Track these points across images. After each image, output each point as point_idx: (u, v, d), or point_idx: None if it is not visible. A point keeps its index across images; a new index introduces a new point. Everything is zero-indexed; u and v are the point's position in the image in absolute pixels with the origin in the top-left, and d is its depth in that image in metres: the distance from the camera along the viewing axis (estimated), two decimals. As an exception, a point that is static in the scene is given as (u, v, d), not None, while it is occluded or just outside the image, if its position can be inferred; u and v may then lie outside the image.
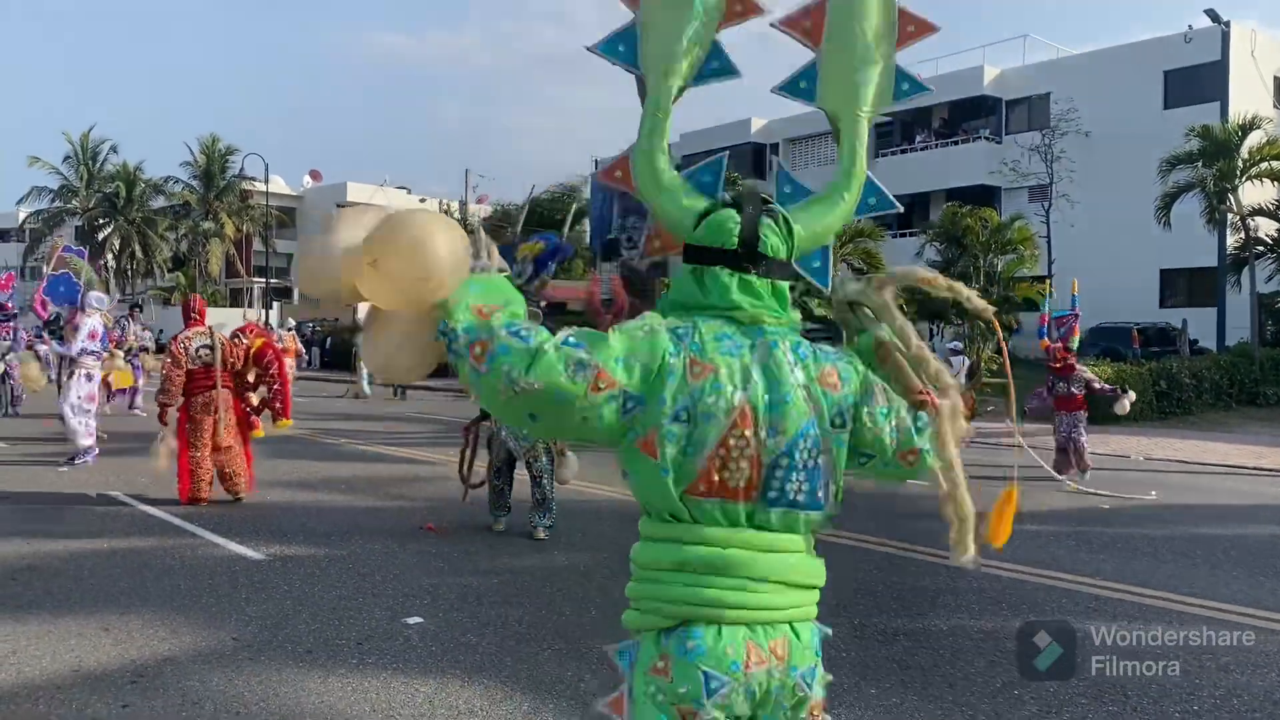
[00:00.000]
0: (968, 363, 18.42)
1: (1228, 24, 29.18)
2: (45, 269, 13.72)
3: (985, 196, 32.57)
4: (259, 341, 9.03)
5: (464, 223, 51.25)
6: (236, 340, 8.98)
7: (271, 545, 7.13)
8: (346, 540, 7.40)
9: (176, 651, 4.83)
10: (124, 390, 15.49)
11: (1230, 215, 24.32)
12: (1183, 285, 30.98)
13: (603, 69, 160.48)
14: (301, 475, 10.27)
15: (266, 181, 40.86)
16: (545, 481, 7.51)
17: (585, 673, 4.55)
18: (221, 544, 7.20)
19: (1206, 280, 29.64)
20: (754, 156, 42.22)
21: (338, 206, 32.28)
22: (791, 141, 42.22)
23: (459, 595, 5.84)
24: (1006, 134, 34.98)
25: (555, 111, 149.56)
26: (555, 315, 7.09)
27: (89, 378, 11.32)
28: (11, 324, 15.84)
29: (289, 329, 25.06)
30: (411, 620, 5.31)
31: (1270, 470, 13.40)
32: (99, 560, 6.65)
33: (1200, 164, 23.19)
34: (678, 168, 2.25)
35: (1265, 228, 24.69)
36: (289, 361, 21.95)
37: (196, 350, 8.60)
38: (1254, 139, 23.50)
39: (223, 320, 13.71)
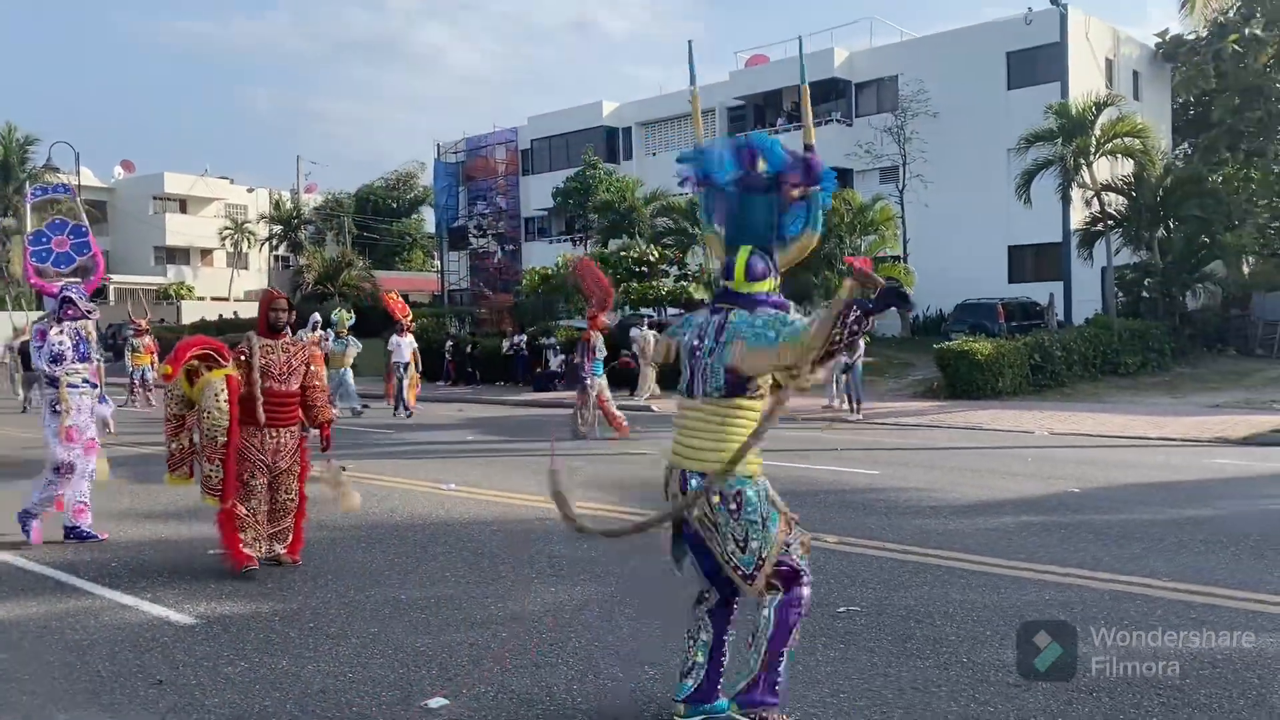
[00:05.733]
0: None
1: (1065, 6, 30.24)
2: None
3: (839, 178, 32.73)
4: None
5: (297, 212, 47.97)
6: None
7: (195, 603, 5.80)
8: (283, 587, 6.14)
9: (135, 779, 3.59)
10: None
11: (1085, 191, 25.13)
12: (1030, 261, 32.05)
13: (414, 54, 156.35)
14: (157, 502, 8.73)
15: (78, 173, 37.24)
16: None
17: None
18: (131, 604, 5.80)
19: (1052, 255, 30.76)
20: (607, 139, 41.36)
21: (154, 199, 28.29)
22: (644, 125, 41.56)
23: (471, 660, 4.73)
24: (857, 116, 35.37)
25: (367, 97, 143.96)
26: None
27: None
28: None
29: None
30: (434, 703, 4.19)
31: (1181, 440, 13.60)
32: (-25, 642, 5.20)
33: (1060, 141, 23.79)
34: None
35: (1114, 203, 25.59)
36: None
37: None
38: (1105, 117, 24.33)
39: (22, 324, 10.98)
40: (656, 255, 26.73)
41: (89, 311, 7.62)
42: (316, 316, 17.62)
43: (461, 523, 8.12)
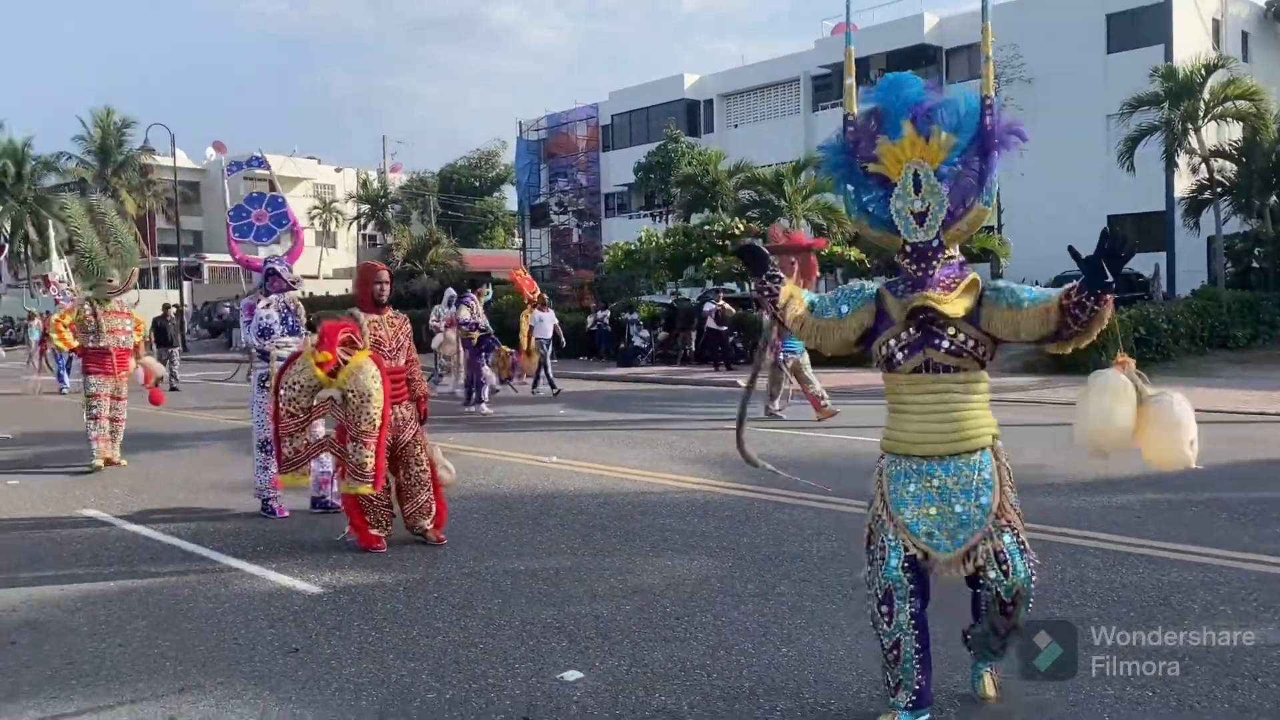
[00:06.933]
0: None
1: (1169, -35, 29.04)
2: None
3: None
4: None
5: (384, 192, 48.58)
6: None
7: (320, 573, 5.89)
8: (403, 557, 6.20)
9: (284, 746, 3.64)
10: None
11: (1191, 157, 24.12)
12: (1130, 230, 30.96)
13: (489, 33, 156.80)
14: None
15: (173, 154, 38.30)
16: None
17: (852, 744, 3.51)
18: (257, 574, 5.93)
19: (1153, 225, 29.68)
20: (689, 112, 41.10)
21: (245, 180, 26.75)
22: (725, 97, 41.21)
23: (599, 633, 4.71)
24: (947, 83, 34.44)
25: (444, 77, 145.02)
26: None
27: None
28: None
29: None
30: (569, 676, 4.18)
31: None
32: (115, 607, 5.34)
33: (1167, 105, 22.85)
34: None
35: (1222, 169, 24.52)
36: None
37: None
38: (1214, 79, 23.29)
39: (135, 298, 10.95)
40: (741, 229, 26.44)
41: (294, 283, 7.61)
42: (452, 291, 17.13)
43: (568, 495, 8.13)
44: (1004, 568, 3.38)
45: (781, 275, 3.68)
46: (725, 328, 22.52)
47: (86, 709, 4.01)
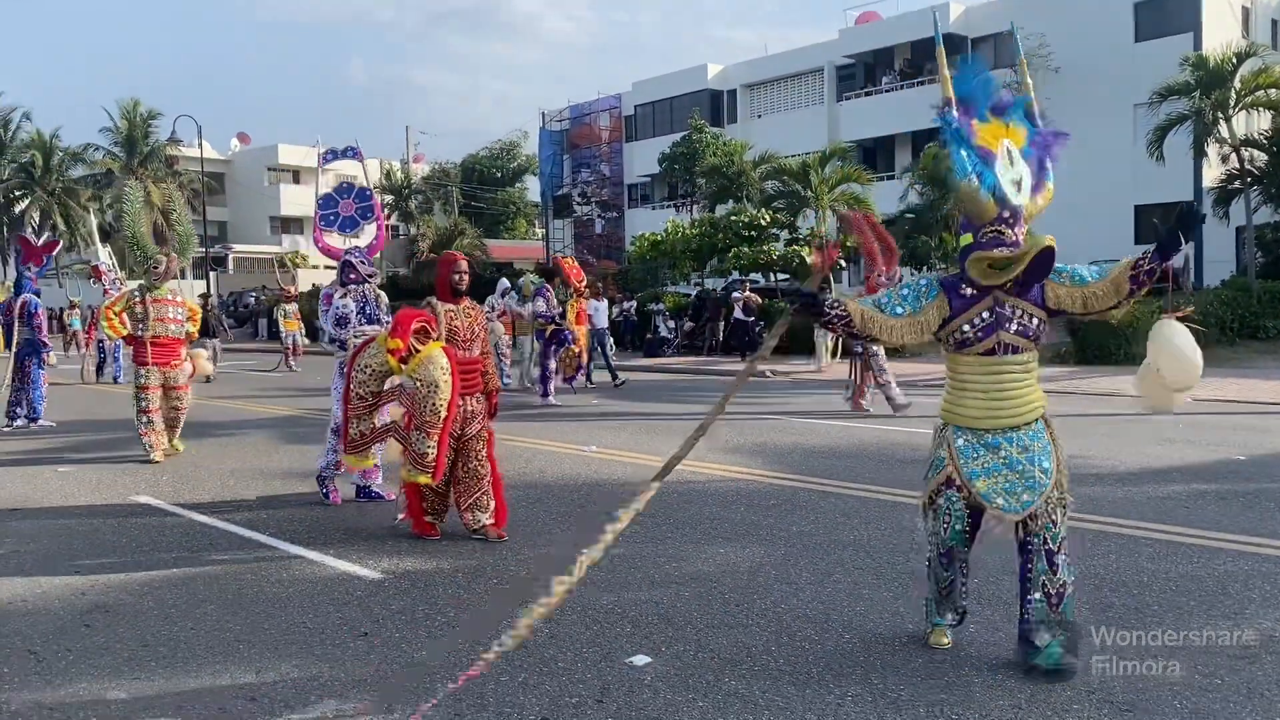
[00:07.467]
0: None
1: (1199, -48, 28.77)
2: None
3: (955, 137, 31.90)
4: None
5: (408, 182, 48.29)
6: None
7: (377, 559, 5.98)
8: (457, 543, 6.29)
9: (366, 726, 3.73)
10: None
11: (1221, 147, 23.93)
12: (1159, 219, 30.76)
13: (508, 23, 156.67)
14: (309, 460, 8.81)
15: (200, 145, 38.50)
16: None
17: (926, 728, 3.56)
18: (317, 559, 6.02)
19: (1181, 215, 29.47)
20: (712, 102, 41.02)
21: (269, 170, 28.31)
22: (749, 87, 41.11)
23: (661, 618, 4.79)
24: (973, 72, 34.29)
25: (464, 67, 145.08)
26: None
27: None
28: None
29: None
30: (638, 660, 4.26)
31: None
32: (181, 591, 5.45)
33: (1198, 94, 22.67)
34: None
35: (1252, 158, 24.32)
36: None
37: None
38: (1246, 68, 23.08)
39: (176, 287, 11.00)
40: (767, 219, 26.42)
41: (370, 275, 7.63)
42: (505, 282, 17.21)
43: (611, 484, 8.20)
44: (1052, 518, 3.98)
45: (840, 299, 4.07)
46: (752, 318, 22.62)
47: (169, 691, 4.11)
